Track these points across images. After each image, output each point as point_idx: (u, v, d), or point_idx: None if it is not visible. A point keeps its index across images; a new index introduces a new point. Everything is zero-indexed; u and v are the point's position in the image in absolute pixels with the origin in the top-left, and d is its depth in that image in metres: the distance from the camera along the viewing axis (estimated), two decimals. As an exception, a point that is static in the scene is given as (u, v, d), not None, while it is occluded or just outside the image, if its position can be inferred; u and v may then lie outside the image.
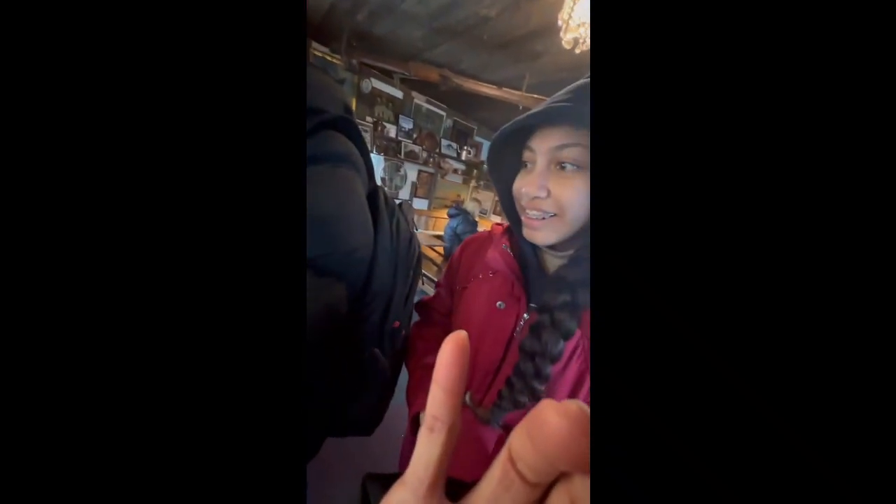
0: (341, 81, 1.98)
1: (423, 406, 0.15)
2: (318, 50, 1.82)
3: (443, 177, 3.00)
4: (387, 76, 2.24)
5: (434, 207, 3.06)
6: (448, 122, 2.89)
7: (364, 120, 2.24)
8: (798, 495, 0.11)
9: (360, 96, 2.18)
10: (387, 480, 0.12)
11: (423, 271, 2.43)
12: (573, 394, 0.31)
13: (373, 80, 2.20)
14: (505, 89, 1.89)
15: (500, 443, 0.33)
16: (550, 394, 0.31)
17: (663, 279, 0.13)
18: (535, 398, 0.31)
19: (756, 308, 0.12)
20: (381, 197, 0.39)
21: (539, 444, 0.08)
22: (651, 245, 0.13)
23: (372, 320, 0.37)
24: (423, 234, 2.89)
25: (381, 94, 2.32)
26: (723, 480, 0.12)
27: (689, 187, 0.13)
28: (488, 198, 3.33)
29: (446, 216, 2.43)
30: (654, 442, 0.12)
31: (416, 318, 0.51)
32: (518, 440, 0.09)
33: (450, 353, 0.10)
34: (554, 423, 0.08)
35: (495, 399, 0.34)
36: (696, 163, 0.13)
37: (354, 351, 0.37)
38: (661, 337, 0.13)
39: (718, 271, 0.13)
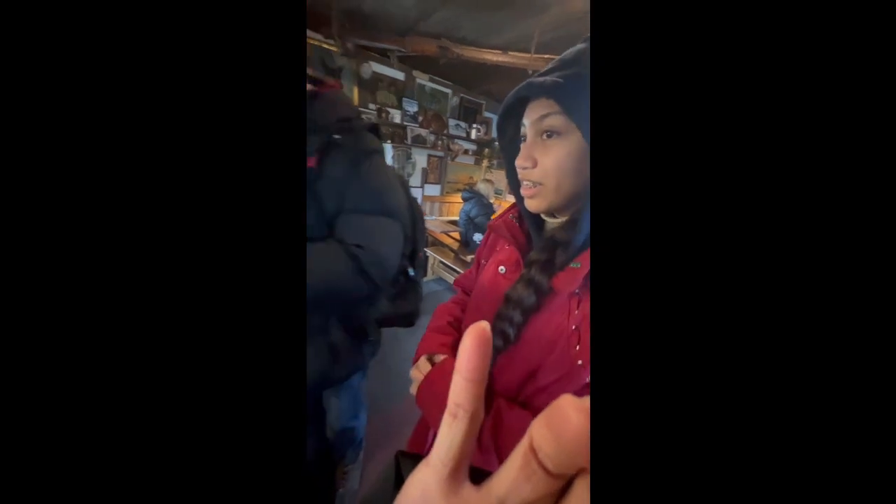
0: (340, 69, 1.92)
1: (423, 351, 0.42)
2: (312, 38, 1.76)
3: (453, 159, 2.88)
4: (384, 57, 2.13)
5: (447, 192, 2.97)
6: (454, 101, 2.74)
7: (367, 108, 2.18)
8: (798, 495, 0.11)
9: (361, 83, 2.11)
10: (417, 458, 0.13)
11: (439, 258, 2.40)
12: (551, 345, 0.32)
13: (372, 63, 2.11)
14: (511, 53, 1.71)
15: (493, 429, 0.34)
16: (525, 342, 0.34)
17: (662, 275, 0.13)
18: (506, 342, 0.35)
19: (755, 306, 0.12)
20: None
21: (560, 439, 0.08)
22: (650, 240, 0.13)
23: (413, 250, 0.67)
24: (438, 221, 2.83)
25: (381, 77, 2.22)
26: (723, 478, 0.12)
27: (687, 182, 0.13)
28: (501, 177, 3.18)
29: (460, 200, 2.34)
30: (654, 439, 0.12)
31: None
32: (539, 431, 0.09)
33: (471, 343, 0.10)
34: (575, 421, 0.08)
35: None
36: (694, 157, 0.13)
37: (405, 266, 0.66)
38: (660, 334, 0.13)
39: (717, 271, 0.13)
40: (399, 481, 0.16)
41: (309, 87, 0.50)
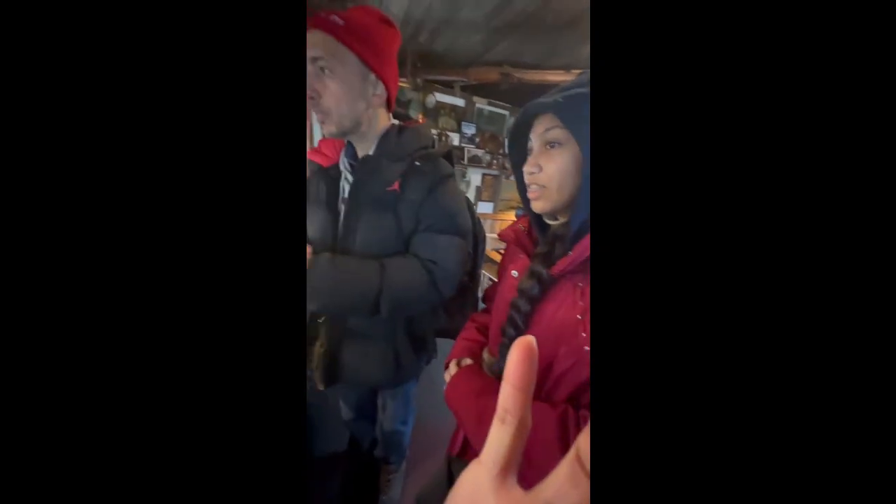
0: (408, 102, 2.17)
1: (453, 356, 0.49)
2: (388, 78, 2.03)
3: (508, 177, 2.89)
4: (447, 87, 2.32)
5: (500, 210, 2.97)
6: (511, 120, 2.79)
7: (429, 133, 2.38)
8: (797, 493, 0.11)
9: (425, 111, 2.33)
10: (465, 463, 0.14)
11: (489, 276, 2.39)
12: (561, 335, 0.35)
13: (436, 93, 2.32)
14: (573, 71, 1.70)
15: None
16: (538, 334, 0.36)
17: (660, 274, 0.14)
18: (518, 332, 0.39)
19: (753, 305, 0.13)
20: None
21: None
22: (649, 240, 0.14)
23: (473, 267, 0.71)
24: (489, 239, 2.83)
25: (444, 105, 2.42)
26: (723, 476, 0.12)
27: (686, 184, 0.14)
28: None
29: (514, 218, 2.32)
30: (653, 435, 0.12)
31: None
32: (586, 442, 0.10)
33: (518, 354, 0.11)
34: None
35: (500, 341, 0.42)
36: (693, 160, 0.14)
37: (465, 282, 0.69)
38: (659, 332, 0.13)
39: (714, 273, 0.13)
40: (451, 481, 0.17)
41: (395, 122, 0.58)
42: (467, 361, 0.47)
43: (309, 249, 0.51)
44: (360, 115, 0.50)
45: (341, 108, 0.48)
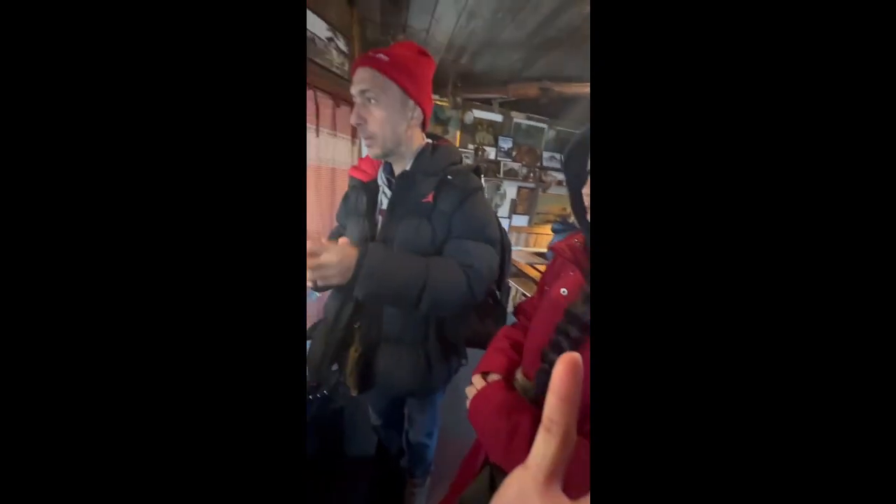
0: (447, 120, 2.26)
1: (481, 369, 0.46)
2: (430, 98, 2.15)
3: (545, 190, 2.81)
4: (486, 103, 2.38)
5: (536, 223, 2.89)
6: (551, 133, 2.74)
7: (466, 148, 2.44)
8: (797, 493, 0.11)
9: (463, 127, 2.41)
10: (505, 473, 0.15)
11: (521, 290, 2.31)
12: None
13: (474, 110, 2.39)
14: (621, 83, 1.62)
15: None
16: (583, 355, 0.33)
17: (662, 278, 0.14)
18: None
19: (752, 309, 0.13)
20: None
21: None
22: (650, 244, 0.15)
23: (501, 276, 0.70)
24: (523, 252, 2.76)
25: (481, 121, 2.48)
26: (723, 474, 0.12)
27: (685, 186, 0.14)
28: (602, 209, 2.84)
29: (550, 232, 2.23)
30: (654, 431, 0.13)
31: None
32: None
33: (564, 368, 0.12)
34: None
35: (540, 366, 0.40)
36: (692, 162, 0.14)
37: (493, 290, 0.71)
38: (659, 332, 0.14)
39: (713, 276, 0.14)
40: (492, 488, 0.17)
41: (429, 140, 0.64)
42: (495, 377, 0.45)
43: (345, 241, 0.53)
44: (401, 137, 0.57)
45: (385, 131, 0.54)
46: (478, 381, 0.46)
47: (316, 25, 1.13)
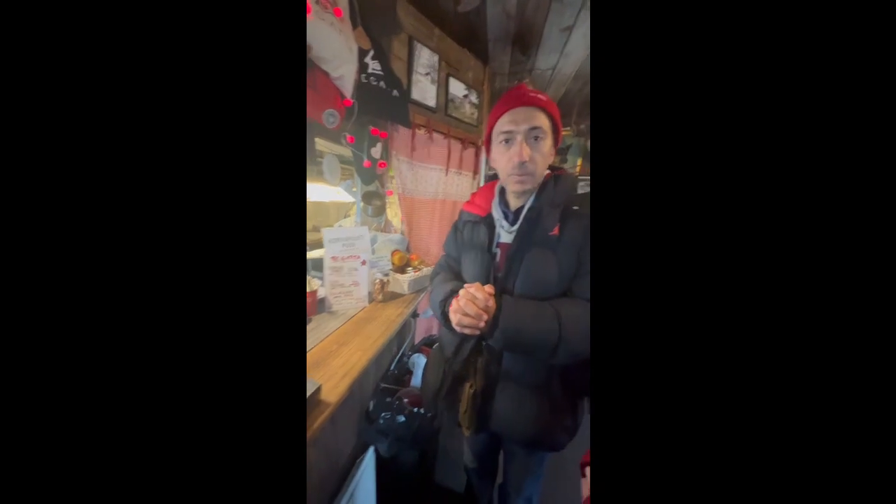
0: (567, 147, 2.16)
1: None
2: (548, 130, 2.15)
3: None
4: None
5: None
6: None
7: (586, 175, 2.24)
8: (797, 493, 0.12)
9: (585, 155, 2.24)
10: None
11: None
12: None
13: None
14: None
15: None
16: None
17: (660, 275, 0.16)
18: None
19: (751, 309, 0.14)
20: None
21: None
22: (649, 241, 0.16)
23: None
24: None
25: (608, 146, 2.24)
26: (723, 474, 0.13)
27: (685, 186, 0.16)
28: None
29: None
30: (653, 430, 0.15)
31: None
32: None
33: None
34: None
35: None
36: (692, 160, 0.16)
37: None
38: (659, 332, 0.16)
39: (712, 279, 0.15)
40: None
41: (548, 171, 0.59)
42: None
43: (490, 288, 0.54)
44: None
45: (542, 169, 0.55)
46: None
47: (455, 86, 1.34)
